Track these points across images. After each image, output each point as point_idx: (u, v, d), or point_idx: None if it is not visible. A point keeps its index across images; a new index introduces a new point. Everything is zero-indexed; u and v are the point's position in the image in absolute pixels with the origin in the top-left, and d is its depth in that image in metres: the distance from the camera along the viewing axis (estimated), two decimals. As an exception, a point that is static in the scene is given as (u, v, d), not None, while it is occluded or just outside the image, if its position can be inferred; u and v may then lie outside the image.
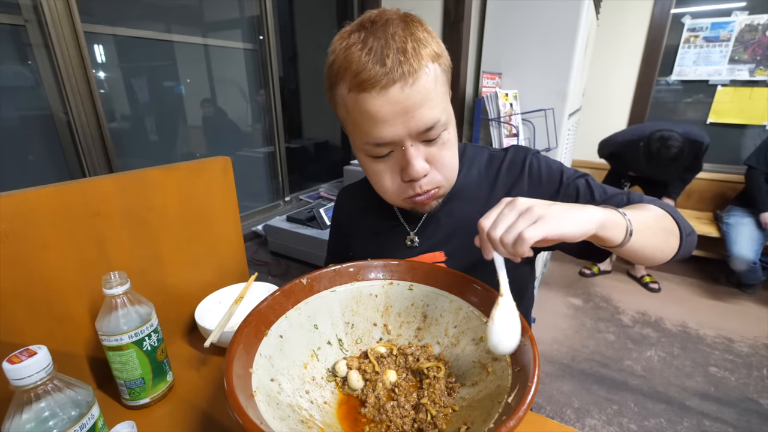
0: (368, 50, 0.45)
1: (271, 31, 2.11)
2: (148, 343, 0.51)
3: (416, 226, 0.64)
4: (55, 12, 1.25)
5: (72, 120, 1.36)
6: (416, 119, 0.47)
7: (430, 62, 0.47)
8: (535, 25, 1.78)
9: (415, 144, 0.50)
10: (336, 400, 0.47)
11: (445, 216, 0.62)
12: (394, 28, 0.46)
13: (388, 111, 0.46)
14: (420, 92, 0.46)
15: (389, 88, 0.45)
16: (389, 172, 0.54)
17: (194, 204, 0.70)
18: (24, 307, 0.50)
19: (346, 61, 0.46)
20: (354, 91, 0.47)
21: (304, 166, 2.69)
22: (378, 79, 0.44)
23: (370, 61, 0.45)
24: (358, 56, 0.45)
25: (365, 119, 0.48)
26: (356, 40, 0.46)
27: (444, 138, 0.52)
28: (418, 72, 0.45)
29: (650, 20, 2.38)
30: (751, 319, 1.99)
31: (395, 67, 0.44)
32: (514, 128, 1.85)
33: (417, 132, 0.49)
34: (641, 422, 1.39)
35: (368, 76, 0.45)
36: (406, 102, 0.46)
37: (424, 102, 0.47)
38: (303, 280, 0.52)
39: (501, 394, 0.38)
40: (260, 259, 2.11)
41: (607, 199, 0.55)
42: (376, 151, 0.51)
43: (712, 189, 2.48)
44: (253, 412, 0.33)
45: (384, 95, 0.45)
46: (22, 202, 0.49)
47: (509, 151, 0.63)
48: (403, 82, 0.45)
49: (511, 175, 0.60)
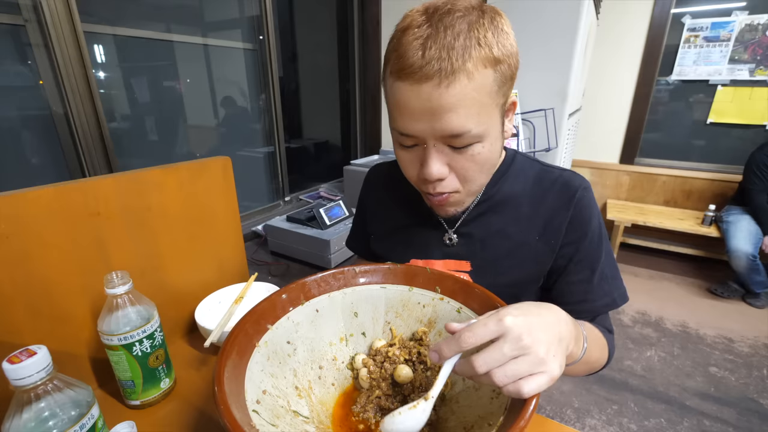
0: (417, 37, 0.42)
1: (271, 31, 2.11)
2: (139, 349, 0.51)
3: (455, 225, 0.61)
4: (55, 12, 1.25)
5: (72, 120, 1.36)
6: (442, 123, 0.44)
7: (482, 66, 0.42)
8: (535, 24, 1.78)
9: (439, 145, 0.47)
10: (338, 394, 0.48)
11: (478, 227, 0.60)
12: (456, 19, 0.42)
13: (417, 106, 0.44)
14: (454, 96, 0.42)
15: (422, 83, 0.42)
16: (411, 162, 0.51)
17: (194, 204, 0.70)
18: (24, 307, 0.50)
19: (397, 42, 0.44)
20: (393, 76, 0.45)
21: (304, 166, 2.69)
22: (414, 70, 0.42)
23: (412, 48, 0.42)
24: (407, 40, 0.43)
25: (396, 107, 0.47)
26: (416, 21, 0.44)
27: (474, 150, 0.47)
28: (457, 74, 0.41)
29: (650, 20, 2.38)
30: (751, 319, 1.99)
31: (433, 62, 0.41)
32: (514, 128, 1.85)
33: (441, 135, 0.46)
34: (641, 422, 1.38)
35: (406, 64, 0.42)
36: (436, 102, 0.43)
37: (457, 108, 0.43)
38: (356, 268, 0.53)
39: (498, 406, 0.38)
40: (260, 259, 2.12)
41: (592, 287, 0.57)
42: (401, 139, 0.50)
43: (713, 189, 2.48)
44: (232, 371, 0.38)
45: (416, 89, 0.43)
46: (22, 202, 0.49)
47: (564, 175, 0.58)
48: (437, 81, 0.42)
49: (560, 201, 0.57)
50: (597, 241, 0.56)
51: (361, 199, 0.76)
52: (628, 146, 2.65)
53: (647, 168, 2.63)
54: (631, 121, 2.59)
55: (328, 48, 2.76)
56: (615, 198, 2.77)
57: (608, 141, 2.70)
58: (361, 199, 0.76)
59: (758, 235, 2.03)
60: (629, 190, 2.72)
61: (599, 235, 0.57)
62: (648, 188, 2.66)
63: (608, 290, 0.57)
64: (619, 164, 2.70)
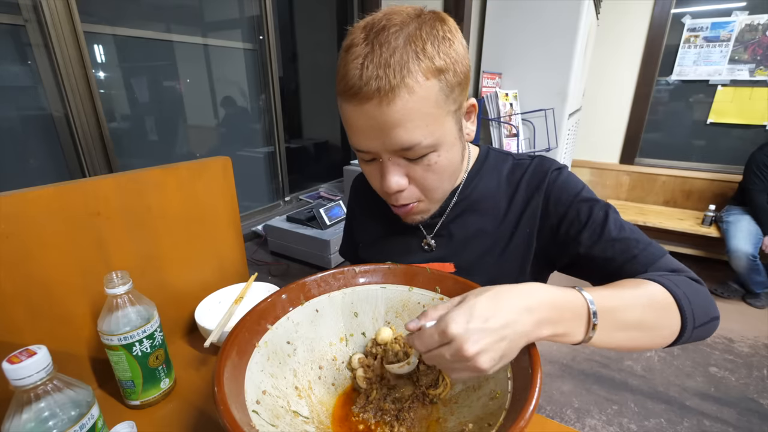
0: (356, 56, 0.42)
1: (271, 31, 2.11)
2: (139, 349, 0.51)
3: (433, 230, 0.62)
4: (55, 12, 1.25)
5: (72, 120, 1.36)
6: (391, 138, 0.44)
7: (423, 79, 0.42)
8: (535, 24, 1.78)
9: (394, 158, 0.47)
10: (338, 394, 0.48)
11: (457, 227, 0.60)
12: (392, 34, 0.42)
13: (364, 124, 0.44)
14: (398, 112, 0.42)
15: (364, 103, 0.43)
16: (373, 175, 0.52)
17: (194, 204, 0.70)
18: (24, 307, 0.50)
19: (341, 62, 0.45)
20: (339, 96, 0.46)
21: (304, 166, 2.69)
22: (355, 91, 0.42)
23: (352, 68, 0.42)
24: (348, 60, 0.43)
25: (347, 125, 0.47)
26: (357, 39, 0.43)
27: (431, 160, 0.47)
28: (396, 90, 0.41)
29: (650, 20, 2.39)
30: (751, 319, 1.99)
31: (371, 81, 0.41)
32: (514, 128, 1.85)
33: (392, 150, 0.46)
34: (641, 422, 1.38)
35: (347, 86, 0.43)
36: (380, 119, 0.43)
37: (402, 123, 0.43)
38: (356, 268, 0.54)
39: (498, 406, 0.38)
40: (260, 259, 2.11)
41: (619, 240, 0.49)
42: (359, 155, 0.50)
43: (713, 189, 2.48)
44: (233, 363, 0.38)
45: (359, 109, 0.43)
46: (22, 202, 0.49)
47: (533, 163, 0.58)
48: (378, 99, 0.42)
49: (530, 189, 0.56)
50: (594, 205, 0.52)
51: (349, 208, 0.77)
52: (628, 146, 2.65)
53: (647, 168, 2.63)
54: (631, 121, 2.60)
55: (328, 48, 2.75)
56: (615, 198, 2.77)
57: (608, 141, 2.70)
58: (349, 207, 0.77)
59: (758, 235, 2.03)
60: (629, 190, 2.72)
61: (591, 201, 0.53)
62: (648, 188, 2.66)
63: (636, 240, 0.49)
64: (619, 164, 2.70)
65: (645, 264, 0.48)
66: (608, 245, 0.50)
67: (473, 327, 0.33)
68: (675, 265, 0.49)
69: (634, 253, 0.49)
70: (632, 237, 0.50)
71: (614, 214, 0.52)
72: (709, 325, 0.45)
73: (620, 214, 0.54)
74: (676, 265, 0.49)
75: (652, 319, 0.41)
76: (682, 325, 0.42)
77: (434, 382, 0.47)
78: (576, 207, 0.52)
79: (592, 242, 0.51)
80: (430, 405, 0.46)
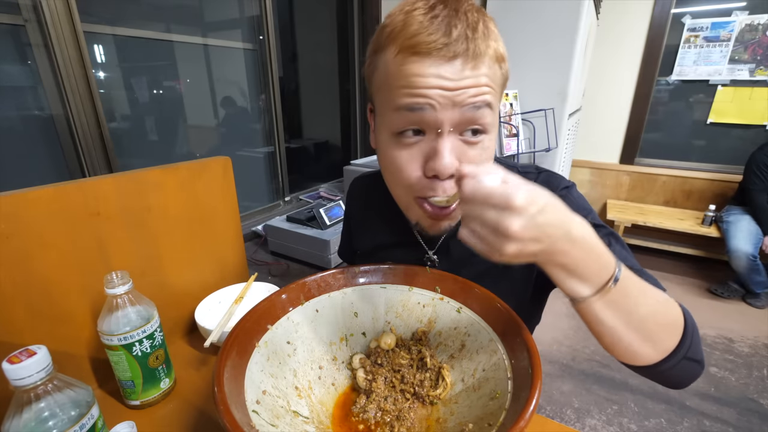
0: (433, 16, 0.39)
1: (271, 31, 2.11)
2: (139, 349, 0.51)
3: (435, 245, 0.58)
4: (55, 12, 1.25)
5: (72, 120, 1.36)
6: (469, 103, 0.41)
7: (494, 61, 0.42)
8: (535, 24, 1.78)
9: (453, 134, 0.43)
10: (338, 394, 0.48)
11: (457, 244, 0.54)
12: (469, 7, 0.41)
13: (437, 84, 0.40)
14: (483, 76, 0.41)
15: (445, 62, 0.39)
16: (412, 160, 0.44)
17: (194, 204, 0.70)
18: (24, 307, 0.50)
19: (403, 24, 0.40)
20: (403, 53, 0.40)
21: (304, 166, 2.69)
22: (437, 46, 0.38)
23: (433, 25, 0.39)
24: (420, 19, 0.39)
25: (403, 87, 0.41)
26: (422, 5, 0.41)
27: (485, 143, 0.44)
28: (484, 57, 0.40)
29: (650, 20, 2.38)
30: (751, 319, 1.99)
31: (461, 40, 0.38)
32: (514, 128, 1.85)
33: (461, 119, 0.41)
34: (641, 422, 1.38)
35: (427, 39, 0.38)
36: (461, 82, 0.40)
37: (483, 89, 0.41)
38: (356, 268, 0.54)
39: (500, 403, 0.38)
40: (260, 259, 2.12)
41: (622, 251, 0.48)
42: (404, 133, 0.43)
43: (713, 189, 2.48)
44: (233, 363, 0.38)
45: (437, 66, 0.39)
46: (22, 202, 0.49)
47: (539, 179, 0.55)
48: (465, 59, 0.39)
49: None
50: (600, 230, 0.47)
51: (346, 213, 0.75)
52: (628, 146, 2.65)
53: (647, 168, 2.63)
54: (631, 121, 2.59)
55: (328, 48, 2.75)
56: (615, 198, 2.77)
57: (608, 141, 2.70)
58: (346, 213, 0.75)
59: (758, 235, 2.03)
60: (629, 190, 2.72)
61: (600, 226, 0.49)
62: (648, 188, 2.66)
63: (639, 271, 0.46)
64: (619, 164, 2.70)
65: None
66: None
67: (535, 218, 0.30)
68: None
69: None
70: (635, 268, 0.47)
71: (617, 243, 0.49)
72: (695, 365, 0.41)
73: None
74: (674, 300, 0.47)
75: (654, 325, 0.38)
76: (676, 347, 0.39)
77: (434, 382, 0.47)
78: None
79: None
80: (430, 405, 0.46)
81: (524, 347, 0.38)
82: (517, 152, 1.86)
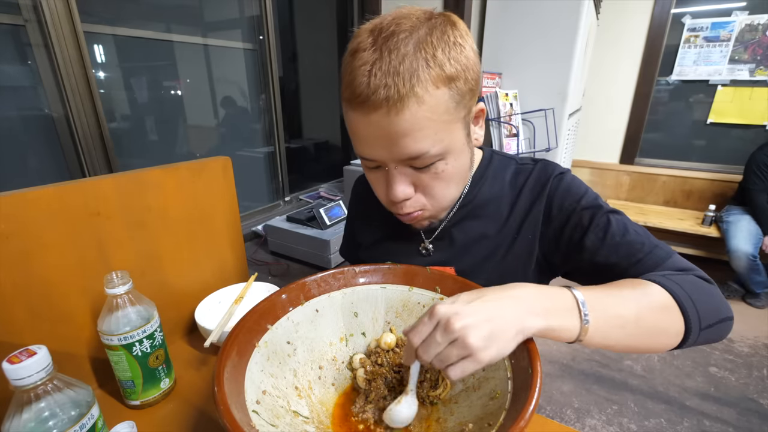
0: (363, 62, 0.41)
1: (271, 31, 2.11)
2: (139, 349, 0.51)
3: (432, 235, 0.61)
4: (55, 12, 1.25)
5: (72, 120, 1.36)
6: (399, 148, 0.43)
7: (433, 88, 0.41)
8: (535, 24, 1.78)
9: (400, 167, 0.46)
10: (337, 394, 0.48)
11: (459, 231, 0.59)
12: (401, 40, 0.40)
13: (370, 133, 0.43)
14: (406, 122, 0.41)
15: (371, 113, 0.41)
16: (378, 183, 0.51)
17: (194, 204, 0.70)
18: (24, 307, 0.50)
19: (347, 67, 0.43)
20: (345, 103, 0.44)
21: (304, 166, 2.69)
22: (362, 100, 0.41)
23: (360, 75, 0.41)
24: (355, 66, 0.42)
25: (352, 133, 0.46)
26: (364, 43, 0.42)
27: (438, 168, 0.47)
28: (405, 100, 0.40)
29: (650, 20, 2.38)
30: (751, 319, 1.99)
31: (380, 90, 0.40)
32: (514, 128, 1.85)
33: (399, 159, 0.45)
34: (641, 422, 1.38)
35: (354, 93, 0.41)
36: (387, 129, 0.42)
37: (411, 132, 0.42)
38: (356, 268, 0.54)
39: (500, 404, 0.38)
40: (260, 259, 2.12)
41: (623, 245, 0.48)
42: (365, 163, 0.49)
43: (713, 189, 2.48)
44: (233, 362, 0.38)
45: (366, 117, 0.42)
46: (22, 202, 0.49)
47: (536, 168, 0.57)
48: (386, 109, 0.40)
49: (532, 194, 0.55)
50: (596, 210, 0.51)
51: (350, 209, 0.77)
52: (628, 146, 2.65)
53: (647, 168, 2.63)
54: (631, 121, 2.60)
55: (328, 48, 2.75)
56: (615, 198, 2.77)
57: (608, 141, 2.70)
58: (350, 209, 0.77)
59: (758, 235, 2.03)
60: (629, 190, 2.72)
61: (595, 207, 0.52)
62: (648, 188, 2.66)
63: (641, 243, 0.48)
64: (619, 164, 2.70)
65: (650, 267, 0.46)
66: (612, 250, 0.49)
67: (458, 306, 0.35)
68: (682, 265, 0.47)
69: (638, 257, 0.47)
70: (637, 240, 0.48)
71: (618, 217, 0.51)
72: (719, 326, 0.43)
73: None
74: (683, 264, 0.47)
75: (651, 319, 0.40)
76: (687, 327, 0.40)
77: (434, 382, 0.47)
78: (578, 213, 0.51)
79: (595, 248, 0.49)
80: (430, 405, 0.46)
81: (524, 347, 0.38)
82: (517, 152, 1.86)
